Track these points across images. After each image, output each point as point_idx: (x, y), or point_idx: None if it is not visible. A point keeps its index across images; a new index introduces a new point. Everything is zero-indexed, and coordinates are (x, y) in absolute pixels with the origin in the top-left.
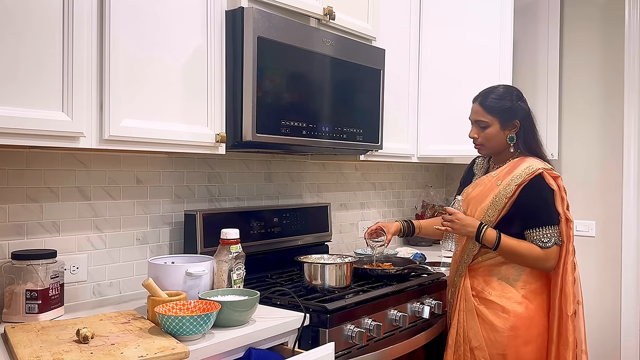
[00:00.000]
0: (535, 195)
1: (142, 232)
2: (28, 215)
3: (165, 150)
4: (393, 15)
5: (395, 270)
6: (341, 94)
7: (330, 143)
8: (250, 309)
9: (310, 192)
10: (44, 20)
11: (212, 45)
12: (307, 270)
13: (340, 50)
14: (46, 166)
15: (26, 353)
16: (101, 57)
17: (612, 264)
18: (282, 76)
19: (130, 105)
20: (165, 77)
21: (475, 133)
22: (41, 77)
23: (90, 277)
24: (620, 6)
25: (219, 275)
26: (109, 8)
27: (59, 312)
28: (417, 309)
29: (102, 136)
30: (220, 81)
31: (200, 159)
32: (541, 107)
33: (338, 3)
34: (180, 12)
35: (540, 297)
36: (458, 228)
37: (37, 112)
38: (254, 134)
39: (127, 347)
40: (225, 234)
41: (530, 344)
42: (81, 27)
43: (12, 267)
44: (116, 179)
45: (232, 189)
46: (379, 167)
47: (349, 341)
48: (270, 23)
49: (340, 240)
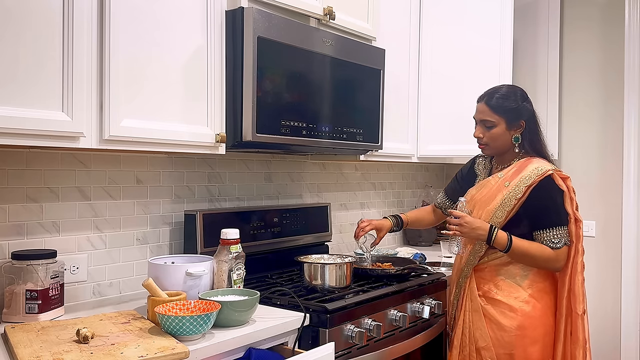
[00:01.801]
0: (545, 196)
1: (142, 232)
2: (28, 215)
3: (165, 150)
4: (393, 15)
5: (395, 270)
6: (341, 94)
7: (330, 143)
8: (250, 309)
9: (310, 192)
10: (44, 20)
11: (212, 45)
12: (307, 270)
13: (340, 50)
14: (46, 166)
15: (26, 353)
16: (101, 57)
17: (612, 264)
18: (282, 76)
19: (130, 105)
20: (165, 77)
21: (481, 132)
22: (41, 77)
23: (90, 277)
24: (620, 6)
25: (219, 275)
26: (109, 8)
27: (59, 312)
28: (417, 309)
29: (102, 136)
30: (220, 81)
31: (200, 159)
32: (541, 108)
33: (338, 3)
34: (180, 12)
35: (548, 296)
36: (467, 232)
37: (37, 112)
38: (254, 134)
39: (127, 347)
40: (225, 234)
41: (537, 343)
42: (81, 27)
43: (12, 267)
44: (116, 179)
45: (232, 189)
46: (379, 167)
47: (349, 341)
48: (270, 23)
49: (340, 240)
